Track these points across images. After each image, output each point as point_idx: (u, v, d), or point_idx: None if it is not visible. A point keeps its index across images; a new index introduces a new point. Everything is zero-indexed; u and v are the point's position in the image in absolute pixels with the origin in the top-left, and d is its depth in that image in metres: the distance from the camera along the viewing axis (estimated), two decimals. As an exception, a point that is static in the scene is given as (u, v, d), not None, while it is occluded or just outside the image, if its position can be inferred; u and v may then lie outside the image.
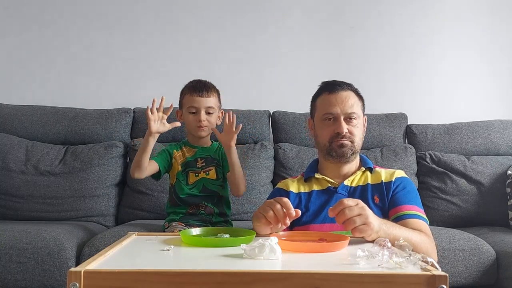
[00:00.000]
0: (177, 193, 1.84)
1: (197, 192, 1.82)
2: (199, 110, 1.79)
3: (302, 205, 1.48)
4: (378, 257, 0.85)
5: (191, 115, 1.81)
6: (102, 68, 2.77)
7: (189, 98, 1.81)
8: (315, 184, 1.52)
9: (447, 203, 2.36)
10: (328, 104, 1.51)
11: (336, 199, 1.44)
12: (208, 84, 1.84)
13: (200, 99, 1.79)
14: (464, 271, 1.85)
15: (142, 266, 0.81)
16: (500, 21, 2.87)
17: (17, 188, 2.28)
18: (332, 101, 1.50)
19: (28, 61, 2.75)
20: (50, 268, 1.75)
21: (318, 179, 1.53)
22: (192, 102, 1.80)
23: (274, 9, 2.84)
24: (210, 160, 1.86)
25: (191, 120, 1.81)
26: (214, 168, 1.85)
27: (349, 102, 1.49)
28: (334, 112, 1.48)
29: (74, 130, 2.48)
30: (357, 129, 1.49)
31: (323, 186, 1.51)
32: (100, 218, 2.29)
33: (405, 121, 2.63)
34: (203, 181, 1.82)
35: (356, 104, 1.50)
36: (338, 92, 1.50)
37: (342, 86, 1.53)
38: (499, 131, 2.54)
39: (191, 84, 1.85)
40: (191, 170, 1.84)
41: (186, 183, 1.82)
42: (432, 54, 2.86)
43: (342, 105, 1.48)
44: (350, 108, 1.48)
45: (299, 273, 0.77)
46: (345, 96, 1.50)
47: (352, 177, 1.51)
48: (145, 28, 2.80)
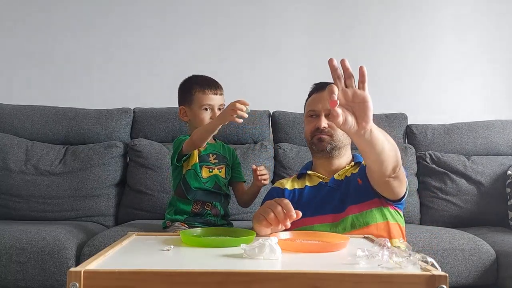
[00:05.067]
0: (188, 183, 1.76)
1: (210, 187, 1.77)
2: (214, 108, 1.77)
3: (295, 199, 1.53)
4: (378, 257, 0.85)
5: (205, 113, 1.77)
6: (102, 68, 2.78)
7: (203, 96, 1.76)
8: (307, 181, 1.58)
9: (447, 203, 2.36)
10: (312, 102, 1.59)
11: (324, 191, 1.51)
12: (216, 80, 1.83)
13: (215, 97, 1.77)
14: (464, 271, 1.85)
15: (142, 266, 0.80)
16: (500, 21, 2.87)
17: (17, 188, 2.28)
18: (316, 99, 1.57)
19: (28, 61, 2.75)
20: (50, 268, 1.75)
21: (310, 176, 1.60)
22: (207, 100, 1.76)
23: (274, 9, 2.84)
24: (220, 158, 1.85)
25: (205, 118, 1.77)
26: (224, 167, 1.84)
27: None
28: (316, 108, 1.56)
29: (74, 130, 2.49)
30: None
31: (315, 182, 1.57)
32: (100, 218, 2.30)
33: (405, 121, 2.63)
34: (216, 178, 1.80)
35: None
36: (323, 90, 1.54)
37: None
38: (499, 131, 2.54)
39: (202, 81, 1.80)
40: (205, 165, 1.79)
41: (201, 176, 1.78)
42: (432, 54, 2.86)
43: (324, 102, 1.53)
44: None
45: (299, 273, 0.77)
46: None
47: (341, 171, 1.55)
48: (145, 28, 2.80)
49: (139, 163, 2.37)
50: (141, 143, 2.41)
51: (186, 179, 1.78)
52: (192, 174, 1.77)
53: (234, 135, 2.49)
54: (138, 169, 2.37)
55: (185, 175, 1.78)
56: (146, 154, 2.37)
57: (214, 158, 1.83)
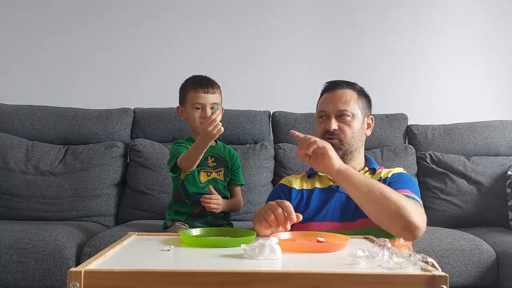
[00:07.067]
0: (186, 188, 1.78)
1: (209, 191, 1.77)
2: (205, 106, 1.77)
3: (303, 202, 1.47)
4: (378, 257, 0.85)
5: (196, 111, 1.78)
6: (103, 68, 2.78)
7: (194, 95, 1.78)
8: (317, 182, 1.52)
9: (447, 204, 2.36)
10: (323, 102, 1.54)
11: (337, 198, 1.44)
12: (211, 79, 1.83)
13: (205, 96, 1.77)
14: (464, 272, 1.85)
15: (142, 266, 0.81)
16: (500, 21, 2.87)
17: (17, 188, 2.28)
18: (327, 99, 1.52)
19: (28, 61, 2.75)
20: (50, 268, 1.75)
21: (321, 177, 1.52)
22: (197, 99, 1.77)
23: (274, 9, 2.84)
24: (220, 160, 1.85)
25: (196, 117, 1.78)
26: (223, 170, 1.84)
27: (343, 99, 1.49)
28: (326, 109, 1.51)
29: (75, 130, 2.48)
30: (349, 126, 1.47)
31: (325, 184, 1.50)
32: (100, 218, 2.30)
33: (405, 122, 2.62)
34: (214, 182, 1.80)
35: (354, 102, 1.49)
36: (335, 90, 1.52)
37: (341, 84, 1.53)
38: (499, 131, 2.54)
39: (195, 80, 1.82)
40: (202, 169, 1.80)
41: (199, 181, 1.80)
42: (432, 55, 2.86)
43: (335, 103, 1.49)
44: (343, 105, 1.48)
45: (299, 273, 0.77)
46: (340, 94, 1.50)
47: None
48: (146, 28, 2.80)
49: (140, 163, 2.37)
50: (141, 143, 2.41)
51: (185, 184, 1.80)
52: (190, 179, 1.79)
53: (234, 135, 2.49)
54: (138, 169, 2.37)
55: (183, 180, 1.80)
56: (147, 154, 2.37)
57: (213, 161, 1.83)
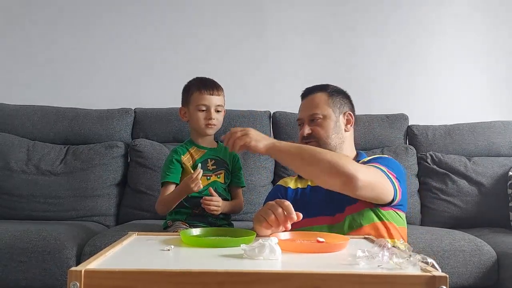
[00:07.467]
0: None
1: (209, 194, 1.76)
2: (209, 108, 1.78)
3: (297, 199, 1.53)
4: (378, 258, 0.85)
5: (200, 113, 1.78)
6: (103, 68, 2.78)
7: (199, 96, 1.78)
8: (309, 180, 1.57)
9: (448, 204, 2.35)
10: (299, 110, 1.62)
11: (319, 193, 1.49)
12: (215, 82, 1.84)
13: (210, 97, 1.78)
14: (464, 272, 1.85)
15: (142, 266, 0.81)
16: (500, 22, 2.87)
17: (18, 188, 2.28)
18: (301, 107, 1.61)
19: (29, 61, 2.76)
20: (50, 267, 1.76)
21: None
22: (202, 100, 1.78)
23: (274, 9, 2.84)
24: (220, 162, 1.84)
25: (200, 118, 1.78)
26: (223, 172, 1.84)
27: (313, 104, 1.56)
28: (300, 116, 1.60)
29: (75, 130, 2.49)
30: (321, 128, 1.53)
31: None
32: (101, 218, 2.30)
33: (406, 122, 2.62)
34: (214, 185, 1.80)
35: (323, 104, 1.55)
36: (307, 97, 1.59)
37: (313, 90, 1.59)
38: (500, 132, 2.53)
39: (200, 82, 1.82)
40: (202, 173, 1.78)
41: None
42: (432, 55, 2.86)
43: (307, 109, 1.57)
44: (313, 109, 1.55)
45: (299, 273, 0.77)
46: (310, 99, 1.58)
47: None
48: (147, 28, 2.80)
49: (140, 163, 2.37)
50: (142, 143, 2.41)
51: None
52: None
53: (235, 135, 2.48)
54: (139, 169, 2.37)
55: None
56: (147, 154, 2.37)
57: (213, 164, 1.83)
